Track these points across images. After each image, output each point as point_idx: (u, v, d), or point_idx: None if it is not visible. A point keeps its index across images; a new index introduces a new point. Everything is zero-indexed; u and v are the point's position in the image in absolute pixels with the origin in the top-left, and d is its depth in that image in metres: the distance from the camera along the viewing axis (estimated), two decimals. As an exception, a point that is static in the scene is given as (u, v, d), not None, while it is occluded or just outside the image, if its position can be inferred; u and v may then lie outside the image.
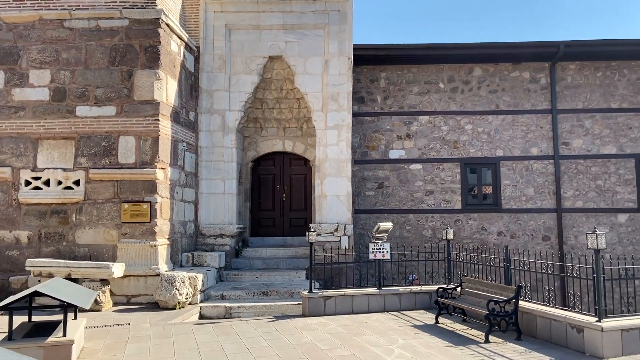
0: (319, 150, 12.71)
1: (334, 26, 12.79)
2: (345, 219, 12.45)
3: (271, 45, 12.82)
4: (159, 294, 9.83)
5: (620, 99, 13.92)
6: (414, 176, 14.07)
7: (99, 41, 10.77)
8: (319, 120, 12.74)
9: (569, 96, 14.00)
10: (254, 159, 13.99)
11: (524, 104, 14.05)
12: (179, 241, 11.59)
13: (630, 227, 13.60)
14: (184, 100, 12.09)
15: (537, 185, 13.85)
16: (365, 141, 14.25)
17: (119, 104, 10.71)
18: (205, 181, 12.61)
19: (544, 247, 13.50)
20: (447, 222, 13.69)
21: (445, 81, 14.25)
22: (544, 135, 13.95)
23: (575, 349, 6.93)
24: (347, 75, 12.73)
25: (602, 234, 7.10)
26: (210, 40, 12.78)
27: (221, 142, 12.70)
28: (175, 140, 11.47)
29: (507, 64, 14.13)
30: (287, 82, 13.24)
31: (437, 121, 14.19)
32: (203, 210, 12.55)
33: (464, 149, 14.08)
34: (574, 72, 14.03)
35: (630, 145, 13.81)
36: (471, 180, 14.29)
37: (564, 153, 13.86)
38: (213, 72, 12.75)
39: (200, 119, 12.71)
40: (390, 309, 9.85)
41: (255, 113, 13.68)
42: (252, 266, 12.52)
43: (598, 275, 7.00)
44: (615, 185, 13.74)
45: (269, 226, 14.04)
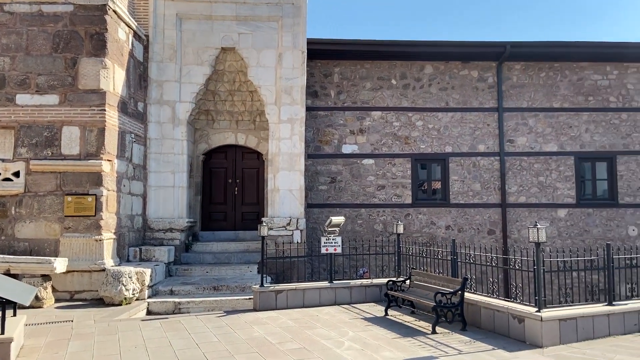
0: (272, 144, 12.63)
1: (288, 19, 12.72)
2: (297, 213, 12.45)
3: (224, 36, 12.60)
4: (105, 289, 9.53)
5: (561, 99, 14.57)
6: (366, 171, 14.24)
7: (42, 27, 10.26)
8: (272, 113, 12.65)
9: (514, 95, 14.54)
10: (205, 152, 13.74)
11: (472, 102, 14.48)
12: (126, 235, 11.25)
13: (569, 221, 14.30)
14: (132, 91, 11.71)
15: (483, 181, 14.33)
16: (318, 135, 14.29)
17: (63, 93, 10.25)
18: (155, 174, 12.29)
19: (489, 241, 13.99)
20: (397, 216, 13.95)
21: (398, 78, 14.47)
22: (490, 132, 14.43)
23: (517, 339, 7.23)
24: (301, 69, 12.70)
25: (542, 228, 7.43)
26: (160, 29, 12.43)
27: (171, 134, 12.40)
28: (122, 131, 11.10)
29: (457, 63, 14.51)
30: (240, 74, 13.07)
31: (389, 117, 14.40)
32: (152, 204, 12.22)
33: (415, 145, 14.36)
34: (519, 72, 14.57)
35: (570, 143, 14.51)
36: (421, 176, 14.61)
37: (509, 150, 14.39)
38: (163, 62, 12.41)
39: (149, 110, 12.36)
40: (341, 302, 9.95)
41: (207, 105, 13.44)
42: (202, 261, 12.33)
43: (538, 267, 7.32)
44: (556, 181, 14.40)
45: (221, 220, 13.86)
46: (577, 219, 14.30)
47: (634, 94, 14.66)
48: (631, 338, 7.27)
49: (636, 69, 14.69)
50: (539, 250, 7.38)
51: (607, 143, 14.54)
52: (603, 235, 14.18)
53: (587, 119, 14.55)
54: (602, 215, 14.34)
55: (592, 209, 14.36)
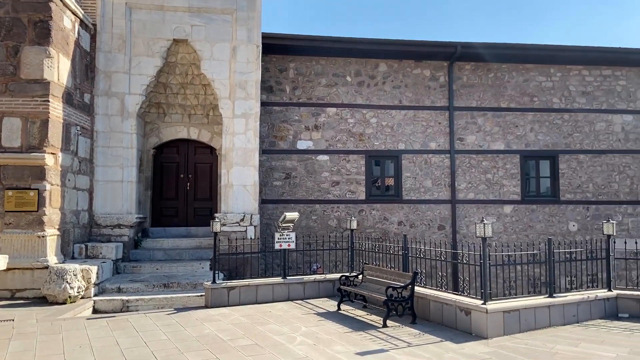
0: (226, 139, 12.46)
1: (243, 12, 12.55)
2: (251, 209, 12.35)
3: (176, 27, 12.31)
4: (48, 287, 9.15)
5: (508, 99, 15.10)
6: (321, 167, 14.29)
7: (-20, 11, 9.71)
8: (226, 108, 12.48)
9: (464, 95, 14.94)
10: (156, 146, 13.39)
11: (424, 101, 14.78)
12: (71, 232, 10.83)
13: (515, 217, 14.86)
14: (79, 81, 11.26)
15: (434, 178, 14.67)
16: (273, 131, 14.21)
17: (4, 82, 9.76)
18: (102, 168, 11.87)
19: (439, 236, 14.35)
20: (351, 212, 14.09)
21: (353, 75, 14.58)
22: (441, 130, 14.78)
23: (464, 330, 7.46)
24: (255, 63, 12.57)
25: (489, 224, 7.69)
26: (108, 18, 11.99)
27: (120, 127, 12.01)
28: (67, 123, 10.66)
29: (410, 61, 14.77)
30: (193, 67, 12.81)
31: (344, 114, 14.50)
32: (99, 199, 11.81)
33: (369, 142, 14.53)
34: (470, 72, 14.99)
35: (516, 142, 15.06)
36: (375, 172, 14.81)
37: (459, 148, 14.79)
38: (111, 52, 11.99)
39: (96, 102, 11.92)
40: (294, 297, 9.96)
41: (158, 98, 13.10)
42: (152, 257, 12.03)
43: (484, 261, 7.58)
44: (503, 178, 14.92)
45: (172, 216, 13.56)
46: (522, 215, 14.88)
47: (575, 95, 15.37)
48: (570, 329, 7.65)
49: (578, 72, 15.41)
50: (486, 245, 7.63)
51: (550, 142, 15.20)
52: (546, 230, 14.83)
53: (532, 118, 15.15)
54: (545, 211, 14.99)
55: (535, 205, 14.98)
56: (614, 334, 7.29)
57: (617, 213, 15.16)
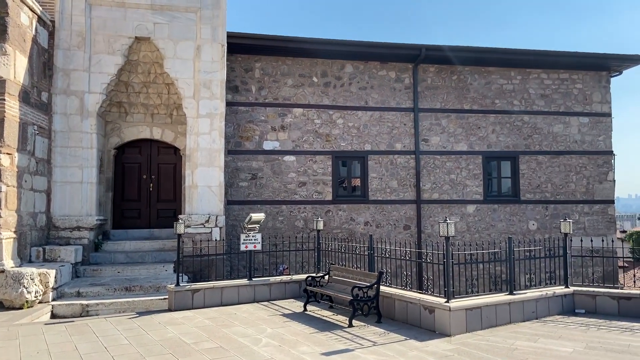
0: (190, 139, 12.27)
1: (207, 11, 12.39)
2: (217, 210, 12.19)
3: (138, 25, 12.04)
4: (4, 292, 8.83)
5: (471, 101, 15.42)
6: (288, 168, 14.24)
7: None
8: (190, 107, 12.29)
9: (429, 96, 15.17)
10: (117, 146, 13.07)
11: (390, 102, 14.93)
12: (28, 234, 10.45)
13: (477, 217, 15.18)
14: (36, 79, 10.88)
15: (400, 178, 14.83)
16: (239, 131, 14.09)
17: (-46, 79, 9.33)
18: (60, 169, 11.50)
19: (405, 236, 14.52)
20: (318, 212, 14.09)
21: (319, 75, 14.60)
22: (407, 131, 14.97)
23: (428, 329, 7.57)
24: (220, 62, 12.43)
25: (451, 223, 7.83)
26: (67, 14, 11.64)
27: (79, 127, 11.66)
28: (24, 122, 10.28)
29: (376, 63, 14.90)
30: (156, 65, 12.57)
31: (310, 114, 14.50)
32: (57, 201, 11.43)
33: (336, 143, 14.57)
34: (434, 75, 15.23)
35: (479, 143, 15.40)
36: (342, 173, 14.86)
37: (423, 149, 15.01)
38: (70, 49, 11.64)
39: (54, 101, 11.54)
40: (260, 299, 9.89)
41: (120, 97, 12.79)
42: (114, 260, 11.73)
43: (447, 260, 7.71)
44: (466, 179, 15.22)
45: (134, 218, 13.26)
46: (484, 215, 15.22)
47: (534, 98, 15.83)
48: (529, 325, 7.86)
49: (537, 75, 15.87)
50: (449, 244, 7.76)
51: (510, 143, 15.60)
52: (507, 229, 15.21)
53: (494, 120, 15.52)
54: (506, 210, 15.37)
55: (497, 205, 15.34)
56: (570, 329, 7.53)
57: (574, 212, 15.68)
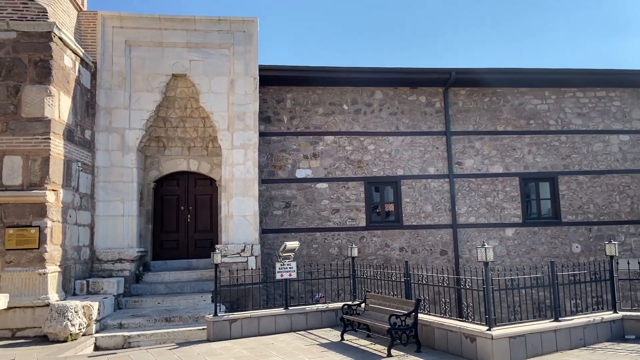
0: (226, 170, 12.54)
1: (240, 46, 12.80)
2: (252, 239, 12.33)
3: (175, 63, 12.53)
4: (49, 325, 9.09)
5: (505, 123, 15.24)
6: (321, 195, 14.32)
7: (-18, 53, 9.91)
8: (225, 139, 12.60)
9: (461, 119, 15.09)
10: (156, 179, 13.47)
11: (421, 126, 14.91)
12: (73, 268, 10.80)
13: (517, 240, 14.81)
14: (79, 118, 11.41)
15: (434, 203, 14.68)
16: (272, 161, 14.31)
17: (4, 121, 9.88)
18: (103, 203, 11.92)
19: (442, 261, 14.28)
20: (352, 239, 14.06)
21: (349, 103, 14.76)
22: (439, 155, 14.87)
23: (469, 358, 7.37)
24: (253, 95, 12.75)
25: (490, 248, 7.68)
26: (108, 56, 12.23)
27: (120, 162, 12.11)
28: (68, 160, 10.76)
29: (406, 88, 14.96)
30: (192, 100, 12.99)
31: (341, 141, 14.62)
32: (100, 234, 11.81)
33: (368, 168, 14.60)
34: (465, 97, 15.17)
35: (515, 164, 15.13)
36: (375, 199, 14.83)
37: (457, 172, 14.86)
38: (112, 89, 12.18)
39: (97, 138, 12.05)
40: (297, 328, 9.86)
41: (158, 132, 13.24)
42: (154, 291, 11.96)
43: (487, 286, 7.54)
44: (503, 201, 14.93)
45: (173, 249, 13.53)
46: (524, 238, 14.83)
47: (571, 117, 15.52)
48: (577, 352, 7.55)
49: (572, 94, 15.59)
50: (488, 269, 7.61)
51: (548, 164, 15.26)
52: (549, 252, 14.76)
53: (530, 141, 15.26)
54: (547, 233, 14.94)
55: (537, 228, 14.94)
56: (621, 356, 7.20)
57: (620, 233, 15.11)
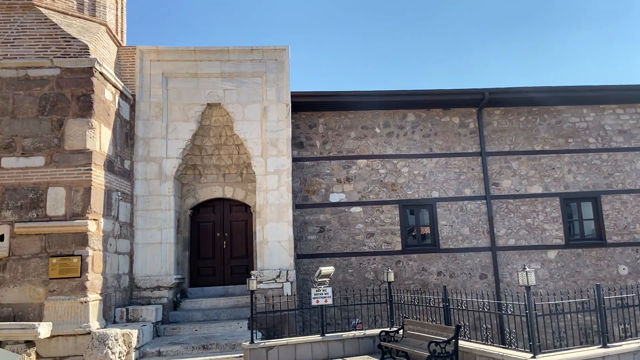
0: (260, 196, 12.66)
1: (272, 74, 13.04)
2: (287, 265, 12.33)
3: (209, 92, 12.86)
4: (90, 354, 9.25)
5: (542, 142, 14.89)
6: (355, 219, 14.25)
7: (28, 90, 10.41)
8: (259, 165, 12.76)
9: (496, 139, 14.84)
10: (192, 206, 13.71)
11: (455, 147, 14.73)
12: (113, 296, 11.03)
13: (560, 262, 14.29)
14: (119, 149, 11.79)
15: (471, 225, 14.37)
16: (305, 185, 14.37)
17: (49, 154, 10.29)
18: (141, 231, 12.19)
19: (481, 286, 13.90)
20: (388, 263, 13.87)
21: (381, 126, 14.76)
22: (475, 176, 14.62)
23: (513, 387, 7.07)
24: (285, 121, 12.91)
25: (531, 271, 7.45)
26: (146, 88, 12.66)
27: (158, 190, 12.40)
28: (109, 189, 11.09)
29: (438, 110, 14.86)
30: (226, 128, 13.25)
31: (375, 164, 14.58)
32: (139, 262, 12.05)
33: (402, 191, 14.47)
34: (500, 117, 14.94)
35: (555, 184, 14.71)
36: (410, 222, 14.64)
37: (494, 193, 14.54)
38: (149, 119, 12.57)
39: (136, 167, 12.41)
40: (334, 355, 9.73)
41: (194, 160, 13.53)
42: (191, 318, 12.06)
43: (530, 312, 7.29)
44: (544, 223, 14.48)
45: (209, 275, 13.65)
46: (568, 260, 14.30)
47: (612, 134, 15.04)
48: (629, 382, 7.15)
49: (612, 111, 15.14)
50: (530, 293, 7.37)
51: (590, 183, 14.77)
52: (594, 275, 14.17)
53: (569, 160, 14.84)
54: (591, 255, 14.37)
55: (581, 249, 14.39)
56: (679, 387, 6.77)
57: (670, 253, 14.40)
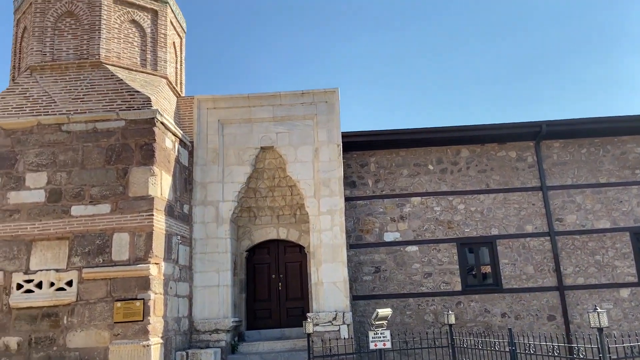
0: (314, 236, 12.69)
1: (323, 116, 13.28)
2: (343, 307, 12.16)
3: (262, 136, 13.23)
4: (151, 398, 9.37)
5: (607, 174, 14.18)
6: (411, 258, 13.95)
7: (96, 142, 11.08)
8: (312, 206, 12.85)
9: (557, 173, 14.28)
10: (248, 248, 13.91)
11: (513, 182, 14.28)
12: (173, 339, 11.22)
13: (634, 301, 13.32)
14: (178, 194, 12.24)
15: (535, 263, 13.72)
16: (359, 225, 14.28)
17: (114, 201, 10.80)
18: (200, 274, 12.45)
19: (550, 328, 13.13)
20: (448, 305, 13.40)
21: (434, 163, 14.57)
22: (537, 212, 14.05)
23: None
24: (337, 161, 13.02)
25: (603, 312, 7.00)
26: (203, 135, 13.19)
27: (215, 233, 12.70)
28: (169, 234, 11.47)
29: (493, 144, 14.53)
30: (279, 170, 13.51)
31: (429, 202, 14.33)
32: (197, 305, 12.27)
33: (459, 229, 14.09)
34: (559, 150, 14.41)
35: (623, 218, 13.88)
36: (469, 260, 14.16)
37: (559, 229, 13.88)
38: (207, 165, 13.03)
39: (194, 211, 12.81)
40: (394, 403, 9.38)
41: (249, 202, 13.82)
42: (249, 362, 12.04)
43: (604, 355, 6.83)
44: (614, 259, 13.63)
45: (266, 318, 13.66)
46: (644, 299, 13.31)
47: (684, 163, 14.13)
48: None
49: (682, 138, 14.28)
50: (603, 335, 6.91)
51: (663, 215, 13.85)
52: (675, 315, 13.08)
53: (637, 192, 14.00)
54: (670, 293, 13.32)
55: (658, 287, 13.38)
56: None
57: None
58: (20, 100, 11.51)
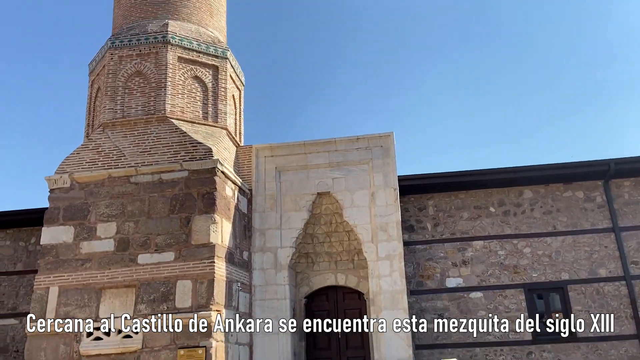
0: (372, 282, 12.46)
1: (378, 160, 13.27)
2: (405, 356, 11.72)
3: (319, 182, 13.35)
4: None
5: (687, 212, 13.23)
6: (475, 305, 13.36)
7: (161, 192, 11.56)
8: (369, 251, 12.69)
9: (629, 213, 13.45)
10: (307, 294, 13.81)
11: (583, 224, 13.55)
12: (234, 388, 11.19)
13: None
14: (238, 241, 12.46)
15: (611, 310, 12.79)
16: (419, 270, 13.92)
17: (178, 249, 11.12)
18: (260, 321, 12.44)
19: (633, 381, 12.07)
20: (518, 355, 12.64)
21: (496, 205, 14.11)
22: (610, 255, 13.20)
23: None
24: (394, 205, 12.88)
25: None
26: (262, 182, 13.49)
27: (274, 280, 12.75)
28: (229, 280, 11.62)
29: (558, 185, 13.94)
30: (336, 215, 13.51)
31: (492, 246, 13.80)
32: (258, 353, 12.21)
33: (526, 274, 13.42)
34: (630, 189, 13.62)
35: None
36: (538, 307, 13.39)
37: (635, 273, 12.95)
38: (265, 211, 13.25)
39: (253, 258, 12.96)
40: None
41: (306, 248, 13.83)
42: (310, 413, 11.75)
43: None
44: (702, 305, 12.50)
45: (326, 367, 13.39)
46: None
47: None
48: None
49: None
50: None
51: None
52: None
53: None
54: None
55: None
56: None
57: None
58: (93, 155, 12.29)
